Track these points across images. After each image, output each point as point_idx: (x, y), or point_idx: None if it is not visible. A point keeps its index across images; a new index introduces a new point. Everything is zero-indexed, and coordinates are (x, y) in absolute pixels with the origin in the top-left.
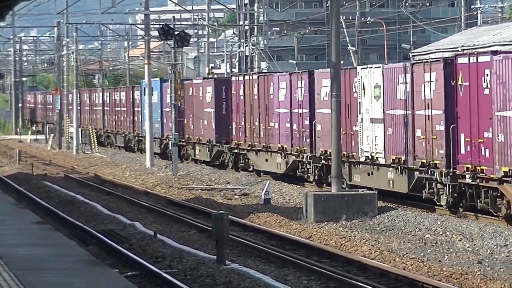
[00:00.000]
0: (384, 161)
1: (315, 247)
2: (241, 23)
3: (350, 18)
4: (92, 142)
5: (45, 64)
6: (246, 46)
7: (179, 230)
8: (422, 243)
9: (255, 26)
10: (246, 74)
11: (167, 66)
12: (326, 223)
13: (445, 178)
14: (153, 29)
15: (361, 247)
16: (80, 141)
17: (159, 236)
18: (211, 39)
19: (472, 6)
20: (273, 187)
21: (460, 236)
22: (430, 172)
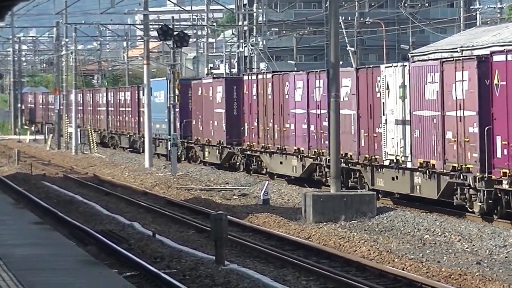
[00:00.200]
0: (410, 165)
1: (314, 247)
2: (240, 23)
3: (349, 18)
4: (91, 142)
5: (44, 64)
6: (245, 46)
7: (178, 231)
8: (421, 244)
9: (254, 27)
10: (260, 73)
11: (166, 66)
12: (325, 223)
13: (479, 184)
14: (152, 29)
15: (360, 248)
16: (79, 141)
17: (158, 236)
18: (210, 40)
19: (471, 7)
20: (272, 187)
21: (459, 237)
22: (462, 177)
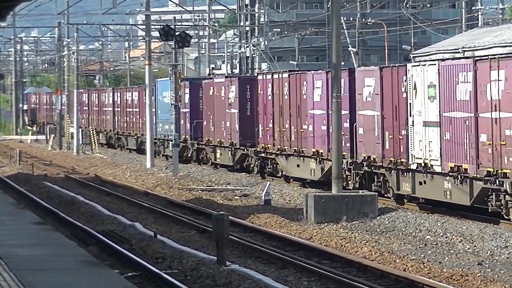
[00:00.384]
0: (440, 169)
1: (315, 248)
2: (241, 24)
3: (351, 19)
4: (93, 142)
5: (46, 65)
6: (247, 47)
7: (179, 231)
8: (422, 245)
9: (256, 27)
10: (275, 72)
11: (167, 66)
12: (326, 224)
13: None
14: (153, 29)
15: (361, 248)
16: (81, 142)
17: (159, 236)
18: (212, 40)
19: (472, 8)
20: (273, 188)
21: (461, 238)
22: (498, 183)
